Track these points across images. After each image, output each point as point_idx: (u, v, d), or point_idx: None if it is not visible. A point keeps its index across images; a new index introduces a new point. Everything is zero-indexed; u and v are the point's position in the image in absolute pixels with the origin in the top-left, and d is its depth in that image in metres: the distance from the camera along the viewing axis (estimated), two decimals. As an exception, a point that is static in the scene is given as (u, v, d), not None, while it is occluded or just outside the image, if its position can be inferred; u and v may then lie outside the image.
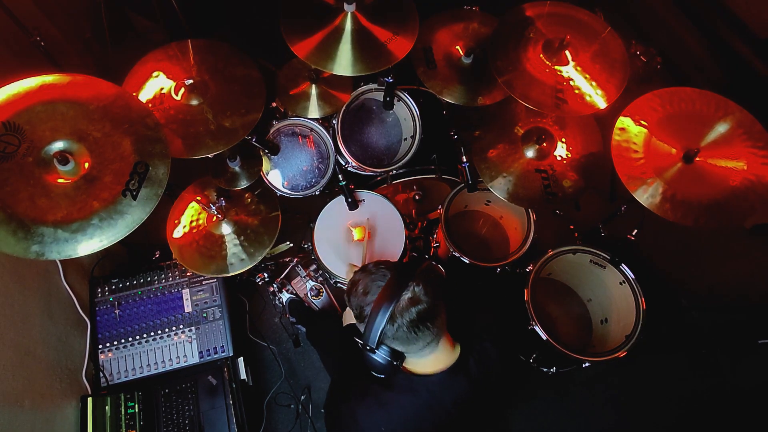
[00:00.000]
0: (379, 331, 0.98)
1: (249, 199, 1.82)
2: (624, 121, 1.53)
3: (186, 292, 1.93)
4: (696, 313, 2.39)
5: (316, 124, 1.93)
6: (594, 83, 1.59)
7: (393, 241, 1.86)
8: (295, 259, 2.13)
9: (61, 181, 1.22)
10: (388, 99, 1.87)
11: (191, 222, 1.74)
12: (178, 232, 1.71)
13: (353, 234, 1.85)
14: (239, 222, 1.74)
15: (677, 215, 1.43)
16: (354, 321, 1.32)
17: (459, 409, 1.10)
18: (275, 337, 2.30)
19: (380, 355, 1.02)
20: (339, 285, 1.92)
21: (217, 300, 1.93)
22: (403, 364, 1.08)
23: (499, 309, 1.66)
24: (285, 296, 2.13)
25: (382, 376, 1.07)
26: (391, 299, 0.98)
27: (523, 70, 1.60)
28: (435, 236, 2.02)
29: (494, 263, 1.90)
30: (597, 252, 1.88)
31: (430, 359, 1.08)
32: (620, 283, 1.89)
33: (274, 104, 1.93)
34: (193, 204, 1.77)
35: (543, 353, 1.98)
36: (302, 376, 2.25)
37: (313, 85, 1.86)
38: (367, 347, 1.01)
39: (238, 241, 1.71)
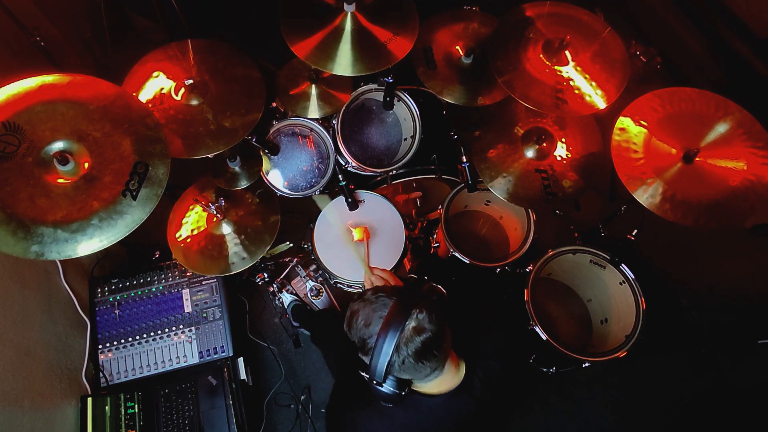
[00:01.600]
0: (386, 365, 0.94)
1: (249, 199, 1.82)
2: (624, 121, 1.53)
3: (186, 292, 1.93)
4: (696, 313, 2.39)
5: (316, 124, 1.93)
6: (594, 83, 1.58)
7: (393, 241, 1.86)
8: (295, 259, 2.14)
9: (61, 181, 1.22)
10: (388, 99, 1.87)
11: (192, 226, 1.74)
12: (180, 236, 1.71)
13: (353, 234, 1.85)
14: (239, 221, 1.75)
15: (677, 215, 1.43)
16: None
17: (461, 425, 1.09)
18: (275, 337, 2.30)
19: (387, 387, 0.98)
20: (339, 285, 1.92)
21: (217, 300, 1.93)
22: None
23: (505, 322, 1.64)
24: (285, 296, 2.12)
25: (390, 405, 1.03)
26: (395, 330, 0.93)
27: (523, 70, 1.60)
28: (435, 236, 2.02)
29: (494, 263, 1.90)
30: (597, 252, 1.88)
31: (434, 382, 1.05)
32: (620, 283, 1.89)
33: (274, 104, 1.93)
34: (194, 207, 1.77)
35: (543, 353, 1.98)
36: (302, 376, 2.25)
37: (313, 85, 1.86)
38: (374, 381, 0.97)
39: (238, 240, 1.71)
